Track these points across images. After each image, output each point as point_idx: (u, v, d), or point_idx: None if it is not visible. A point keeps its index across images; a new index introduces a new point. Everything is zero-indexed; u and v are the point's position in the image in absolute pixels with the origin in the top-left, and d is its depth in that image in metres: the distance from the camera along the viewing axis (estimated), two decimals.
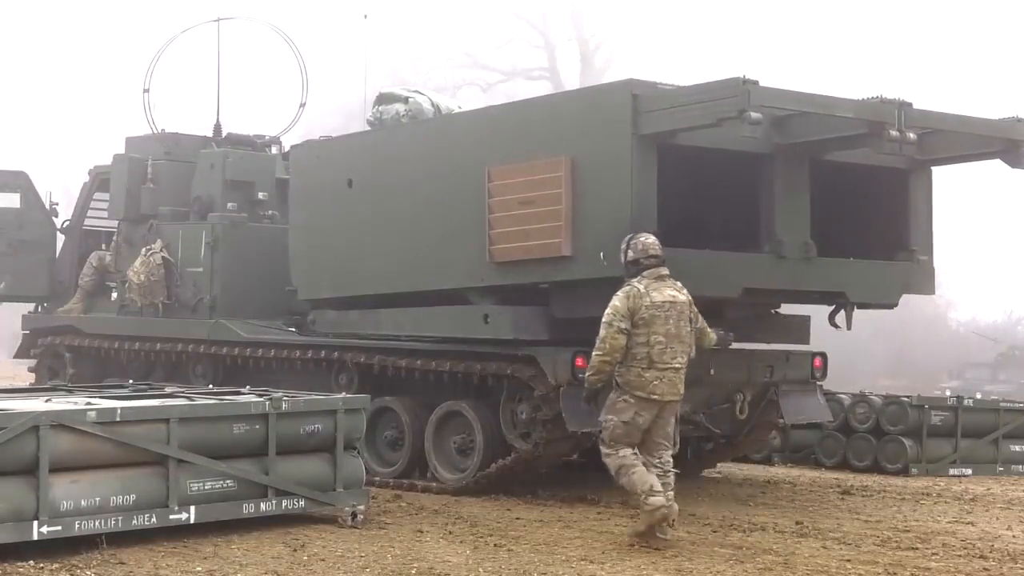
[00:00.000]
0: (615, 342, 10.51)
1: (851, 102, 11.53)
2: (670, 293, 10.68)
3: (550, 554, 10.04)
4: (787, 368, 14.08)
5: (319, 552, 9.82)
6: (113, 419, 9.82)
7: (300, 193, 15.08)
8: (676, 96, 11.66)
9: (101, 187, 17.10)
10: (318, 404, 11.23)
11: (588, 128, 12.00)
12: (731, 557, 10.11)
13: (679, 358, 10.68)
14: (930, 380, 37.36)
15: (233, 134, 16.98)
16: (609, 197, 11.76)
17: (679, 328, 10.65)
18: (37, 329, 17.49)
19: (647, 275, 10.72)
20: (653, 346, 10.54)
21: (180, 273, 15.79)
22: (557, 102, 13.01)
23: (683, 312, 10.70)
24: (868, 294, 13.24)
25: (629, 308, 10.54)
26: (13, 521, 9.14)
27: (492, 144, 12.89)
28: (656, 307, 10.55)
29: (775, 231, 12.28)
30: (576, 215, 11.95)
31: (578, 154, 11.98)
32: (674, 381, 10.67)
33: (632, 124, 11.56)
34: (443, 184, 13.32)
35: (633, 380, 10.60)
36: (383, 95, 14.60)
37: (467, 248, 12.97)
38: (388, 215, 13.94)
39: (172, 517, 10.01)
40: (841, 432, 16.94)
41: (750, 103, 10.78)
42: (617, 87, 12.05)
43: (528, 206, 12.26)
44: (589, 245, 11.88)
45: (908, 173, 13.16)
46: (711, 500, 13.35)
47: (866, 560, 10.18)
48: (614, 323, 10.52)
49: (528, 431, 12.96)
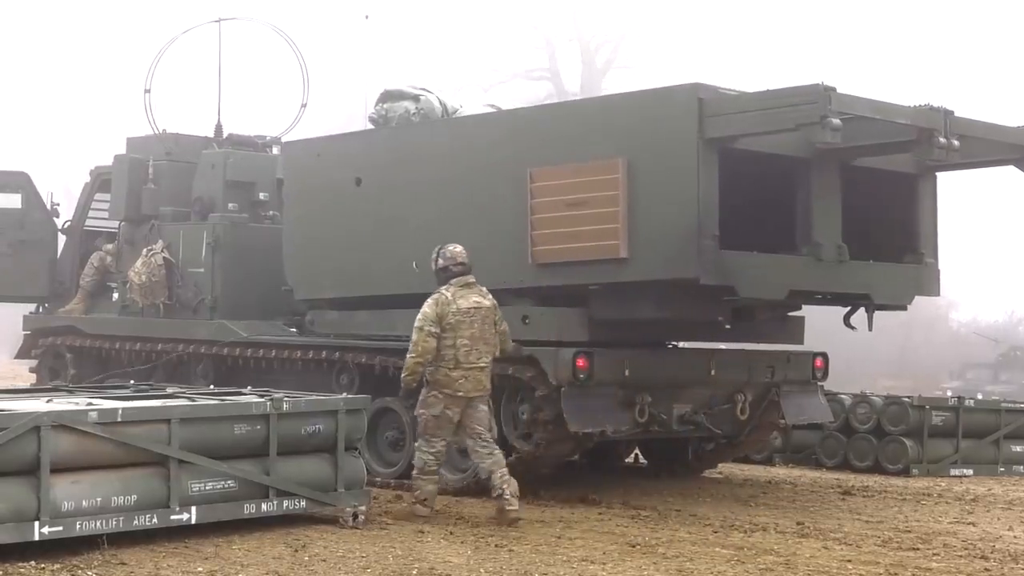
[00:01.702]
0: (426, 345, 11.51)
1: (908, 109, 11.75)
2: (475, 300, 11.73)
3: (551, 554, 10.05)
4: (788, 369, 14.12)
5: (320, 552, 9.82)
6: (114, 420, 9.82)
7: (297, 191, 14.95)
8: (745, 101, 11.74)
9: (102, 187, 17.09)
10: (319, 404, 11.23)
11: (648, 130, 11.96)
12: (732, 557, 10.11)
13: (484, 358, 11.67)
14: (931, 380, 37.35)
15: (234, 135, 16.96)
16: (671, 200, 11.77)
17: (483, 331, 11.66)
18: (38, 329, 17.48)
19: (454, 283, 11.75)
20: (459, 348, 11.54)
21: (181, 273, 15.79)
22: (612, 104, 12.82)
23: (487, 317, 11.73)
24: (889, 296, 13.37)
25: (437, 314, 11.57)
26: (14, 521, 9.14)
27: (534, 145, 12.78)
28: (462, 313, 11.59)
29: (812, 234, 12.37)
30: (633, 217, 11.93)
31: (635, 156, 11.95)
32: (479, 379, 11.66)
33: (698, 128, 11.58)
34: (475, 184, 13.21)
35: (441, 379, 11.59)
36: (388, 92, 14.45)
37: (503, 249, 12.90)
38: (405, 215, 13.80)
39: (173, 517, 10.00)
40: (842, 432, 16.95)
41: (831, 109, 10.92)
42: (682, 90, 11.95)
43: (578, 207, 12.21)
44: (646, 247, 11.90)
45: (917, 178, 13.30)
46: (712, 500, 13.35)
47: (867, 561, 10.18)
48: (424, 328, 11.54)
49: (529, 431, 12.96)
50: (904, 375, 40.27)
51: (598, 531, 11.24)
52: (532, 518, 11.80)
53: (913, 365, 41.96)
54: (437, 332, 11.51)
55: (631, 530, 11.31)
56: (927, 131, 11.74)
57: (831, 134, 10.99)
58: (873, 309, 13.41)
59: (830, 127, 10.93)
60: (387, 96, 14.43)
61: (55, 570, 8.95)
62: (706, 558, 10.08)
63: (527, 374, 12.71)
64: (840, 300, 13.47)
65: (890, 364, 41.44)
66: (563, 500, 12.83)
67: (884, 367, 40.17)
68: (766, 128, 11.56)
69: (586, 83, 48.95)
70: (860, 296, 13.17)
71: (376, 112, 14.45)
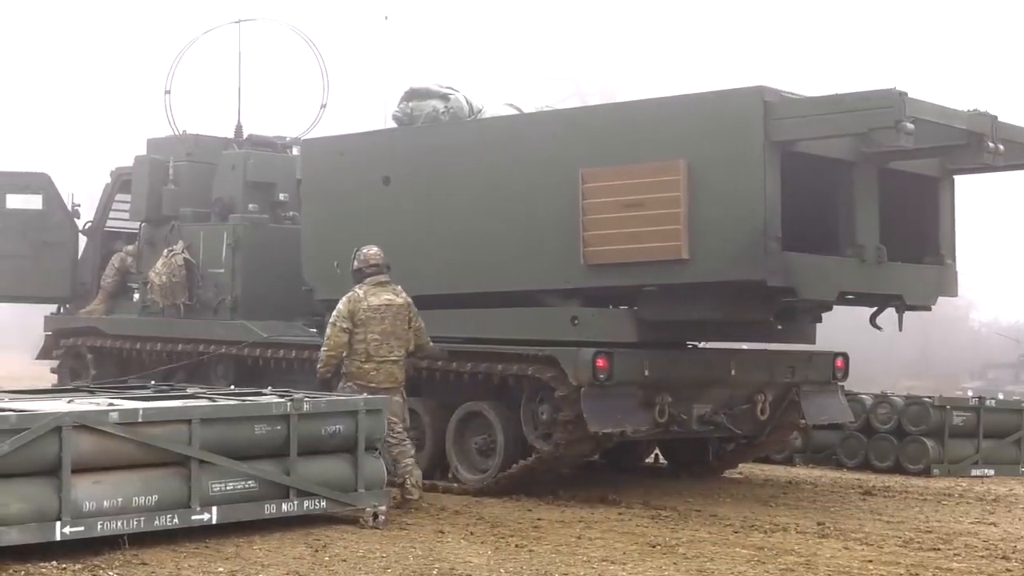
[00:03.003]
0: (337, 339, 12.29)
1: (964, 113, 11.94)
2: (387, 297, 12.42)
3: (571, 555, 10.04)
4: (808, 369, 14.11)
5: (341, 553, 9.83)
6: (135, 420, 9.84)
7: (317, 190, 14.81)
8: (810, 105, 11.81)
9: (123, 188, 17.12)
10: (339, 405, 11.24)
11: (711, 132, 11.96)
12: (752, 558, 10.09)
13: (395, 352, 12.40)
14: (952, 381, 37.29)
15: (254, 135, 16.97)
16: (735, 202, 11.80)
17: (395, 327, 12.37)
18: (59, 330, 17.52)
19: (368, 282, 12.46)
20: (370, 343, 12.27)
21: (201, 274, 15.81)
22: (671, 105, 12.63)
23: (399, 313, 12.42)
24: (918, 296, 13.46)
25: (349, 310, 12.31)
26: (36, 522, 9.16)
27: (586, 145, 12.73)
28: (372, 310, 12.31)
29: (855, 236, 12.44)
30: (694, 218, 11.93)
31: (696, 157, 11.95)
32: (392, 371, 12.37)
33: (764, 130, 11.62)
34: (521, 184, 13.14)
35: (355, 371, 12.34)
36: (414, 91, 14.27)
37: (551, 250, 12.87)
38: (440, 214, 13.72)
39: (194, 518, 10.02)
40: (863, 433, 16.92)
41: (905, 113, 11.08)
42: (747, 92, 11.96)
43: (634, 208, 12.19)
44: (708, 248, 11.92)
45: (938, 180, 13.39)
46: (732, 501, 13.33)
47: (888, 561, 10.15)
48: (337, 323, 12.32)
49: (549, 432, 12.96)
50: (925, 375, 40.20)
51: (618, 531, 11.23)
52: (552, 518, 11.80)
53: (934, 365, 41.90)
54: (349, 327, 12.27)
55: (651, 530, 11.30)
56: (977, 135, 11.96)
57: (905, 137, 11.20)
58: (904, 309, 13.49)
59: (904, 131, 11.14)
60: (412, 95, 14.26)
61: (76, 570, 8.97)
62: (726, 558, 10.06)
63: (547, 374, 12.70)
64: (867, 300, 13.47)
65: (911, 364, 41.38)
66: (583, 500, 12.82)
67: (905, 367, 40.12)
68: (834, 132, 11.75)
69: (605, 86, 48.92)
70: (893, 297, 13.22)
71: (400, 110, 14.27)
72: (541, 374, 12.75)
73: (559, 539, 10.71)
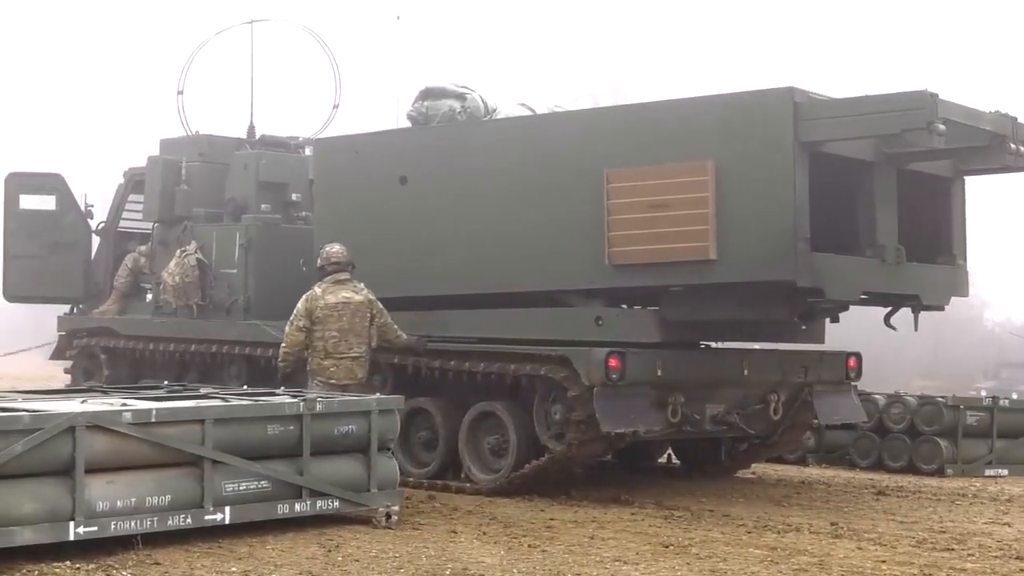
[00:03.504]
0: (293, 337, 12.90)
1: (988, 115, 12.05)
2: (344, 295, 12.91)
3: (584, 555, 10.04)
4: (821, 368, 14.11)
5: (353, 553, 9.84)
6: (148, 420, 9.86)
7: (330, 189, 14.74)
8: (840, 106, 11.86)
9: (136, 189, 17.14)
10: (352, 405, 11.25)
11: (740, 133, 11.98)
12: (766, 558, 10.08)
13: (355, 349, 12.87)
14: (965, 380, 37.18)
15: (267, 136, 16.98)
16: (764, 202, 11.83)
17: (353, 324, 12.85)
18: (73, 330, 17.54)
19: (327, 280, 12.97)
20: (328, 340, 12.78)
21: (214, 274, 15.82)
22: (698, 105, 12.63)
23: (358, 310, 12.90)
24: (933, 297, 13.49)
25: (307, 308, 12.84)
26: (49, 522, 9.17)
27: (611, 145, 12.70)
28: (330, 307, 12.81)
29: (876, 236, 12.47)
30: (722, 218, 11.94)
31: (724, 158, 11.96)
32: (351, 368, 12.85)
33: (794, 131, 11.64)
34: (544, 184, 13.08)
35: (315, 368, 12.87)
36: (429, 90, 14.20)
37: (574, 250, 12.86)
38: (459, 214, 13.67)
39: (207, 518, 10.03)
40: (876, 433, 16.90)
41: (937, 115, 11.19)
42: (777, 94, 11.96)
43: (660, 209, 12.18)
44: (737, 249, 11.93)
45: (950, 181, 13.41)
46: (745, 501, 13.32)
47: (901, 561, 10.14)
48: (294, 322, 12.89)
49: (562, 432, 12.96)
50: (938, 375, 40.11)
51: (631, 531, 11.23)
52: (565, 518, 11.80)
53: (947, 365, 41.79)
54: (306, 325, 12.82)
55: (664, 530, 11.29)
56: (1000, 137, 12.05)
57: (937, 139, 11.29)
58: (919, 309, 13.51)
59: (936, 132, 11.23)
60: (428, 94, 14.19)
61: (90, 570, 8.98)
62: (739, 559, 10.05)
63: (560, 374, 12.70)
64: (883, 300, 13.46)
65: (924, 364, 41.28)
66: (596, 500, 12.82)
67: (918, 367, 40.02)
68: (865, 133, 11.83)
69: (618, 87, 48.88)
70: (910, 297, 13.22)
71: (415, 110, 14.20)
72: (554, 374, 12.74)
73: (572, 539, 10.71)
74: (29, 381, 25.44)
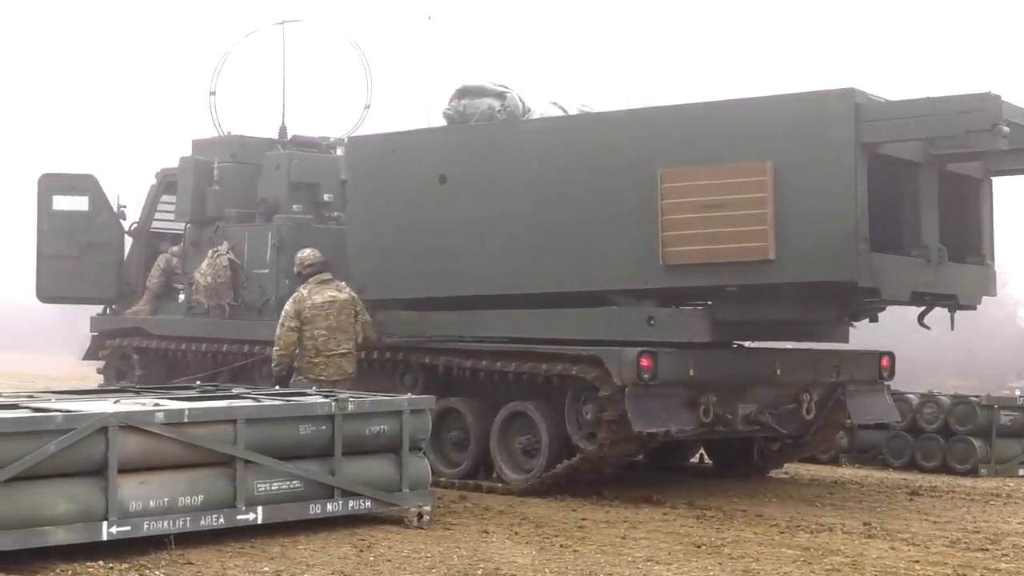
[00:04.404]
0: (287, 338, 13.23)
1: None
2: (330, 294, 13.33)
3: (616, 555, 10.03)
4: (854, 368, 14.07)
5: (385, 553, 9.85)
6: (181, 420, 9.88)
7: (364, 188, 14.61)
8: (901, 107, 11.89)
9: (168, 190, 17.17)
10: (384, 405, 11.26)
11: (799, 134, 12.00)
12: (798, 558, 10.06)
13: (344, 346, 13.29)
14: (999, 380, 36.96)
15: (298, 136, 17.00)
16: (825, 203, 11.86)
17: (340, 322, 13.27)
18: (105, 331, 17.59)
19: (311, 281, 13.40)
20: (317, 338, 13.16)
21: (246, 275, 15.84)
22: (755, 106, 12.60)
23: (343, 308, 13.33)
24: (968, 296, 13.52)
25: (296, 310, 13.23)
26: (83, 522, 9.21)
27: (664, 145, 12.67)
28: (317, 307, 13.22)
29: (921, 236, 12.49)
30: (781, 219, 11.94)
31: (783, 158, 11.97)
32: (339, 364, 13.28)
33: (855, 133, 11.67)
34: (592, 184, 13.02)
35: (305, 366, 13.26)
36: (467, 88, 14.10)
37: (626, 250, 12.82)
38: (502, 214, 13.56)
39: (239, 518, 10.06)
40: (909, 432, 16.82)
41: (1001, 116, 11.25)
42: (838, 95, 11.97)
43: (717, 209, 12.17)
44: (795, 249, 11.94)
45: (980, 182, 13.47)
46: (778, 501, 13.29)
47: (935, 561, 10.10)
48: (285, 323, 13.26)
49: (593, 431, 12.94)
50: (971, 374, 39.92)
51: (663, 531, 11.21)
52: (597, 518, 11.79)
53: (980, 364, 41.58)
54: (297, 326, 13.21)
55: (696, 530, 11.28)
56: None
57: (1002, 140, 11.35)
58: (955, 309, 13.53)
59: (1001, 134, 11.28)
60: (465, 92, 14.08)
61: (123, 570, 9.01)
62: (772, 559, 10.03)
63: (591, 374, 12.69)
64: (918, 300, 13.41)
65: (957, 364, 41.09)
66: (628, 500, 12.81)
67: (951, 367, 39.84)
68: (926, 134, 11.91)
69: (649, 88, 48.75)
70: (947, 296, 13.23)
71: (452, 108, 14.09)
72: (585, 374, 12.73)
73: (604, 539, 10.71)
74: (62, 381, 25.54)
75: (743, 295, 12.68)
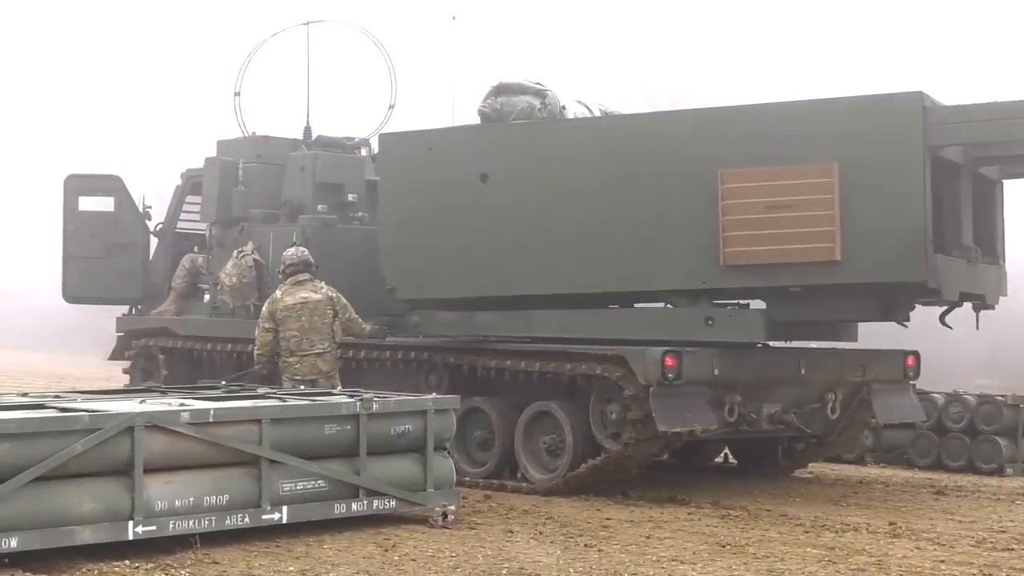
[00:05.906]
0: (262, 339, 13.27)
1: None
2: (302, 295, 13.22)
3: (641, 555, 10.03)
4: (879, 367, 14.04)
5: (410, 552, 9.86)
6: (206, 420, 9.92)
7: (398, 187, 14.40)
8: (969, 111, 11.99)
9: (193, 190, 17.20)
10: (408, 405, 11.27)
11: (866, 136, 12.06)
12: (823, 558, 10.04)
13: (317, 346, 13.17)
14: None
15: (323, 136, 17.01)
16: (893, 205, 11.94)
17: (313, 323, 13.16)
18: (131, 331, 17.64)
19: (288, 282, 13.32)
20: (290, 339, 13.14)
21: (271, 275, 15.85)
22: (820, 108, 12.61)
23: (316, 309, 13.18)
24: (992, 296, 13.59)
25: (269, 312, 13.25)
26: (109, 521, 9.26)
27: (723, 146, 12.65)
28: (288, 309, 13.15)
29: (962, 237, 12.59)
30: (847, 220, 11.98)
31: (849, 160, 12.02)
32: (314, 364, 13.17)
33: (923, 136, 11.76)
34: (648, 184, 12.94)
35: (283, 365, 13.29)
36: (505, 86, 13.99)
37: (683, 250, 12.80)
38: (549, 213, 13.41)
39: (265, 517, 10.09)
40: (934, 432, 16.75)
41: None
42: (906, 98, 12.05)
43: (780, 210, 12.18)
44: (862, 250, 11.99)
45: (995, 183, 13.58)
46: (803, 500, 13.26)
47: (960, 561, 10.07)
48: (261, 324, 13.33)
49: (618, 431, 12.94)
50: (996, 374, 39.78)
51: (688, 531, 11.21)
52: (621, 518, 11.79)
53: (1006, 364, 41.42)
54: (271, 327, 13.20)
55: (721, 530, 11.27)
56: None
57: None
58: (981, 308, 13.58)
59: None
60: (502, 90, 13.97)
61: (148, 569, 9.05)
62: (797, 558, 10.02)
63: (616, 373, 12.69)
64: (961, 300, 13.40)
65: (982, 363, 40.94)
66: (652, 500, 12.80)
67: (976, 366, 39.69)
68: (992, 138, 12.03)
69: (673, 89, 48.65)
70: (976, 296, 13.28)
71: (488, 106, 13.97)
72: (610, 373, 12.73)
73: (628, 539, 10.71)
74: (88, 381, 25.63)
75: (804, 296, 12.68)
